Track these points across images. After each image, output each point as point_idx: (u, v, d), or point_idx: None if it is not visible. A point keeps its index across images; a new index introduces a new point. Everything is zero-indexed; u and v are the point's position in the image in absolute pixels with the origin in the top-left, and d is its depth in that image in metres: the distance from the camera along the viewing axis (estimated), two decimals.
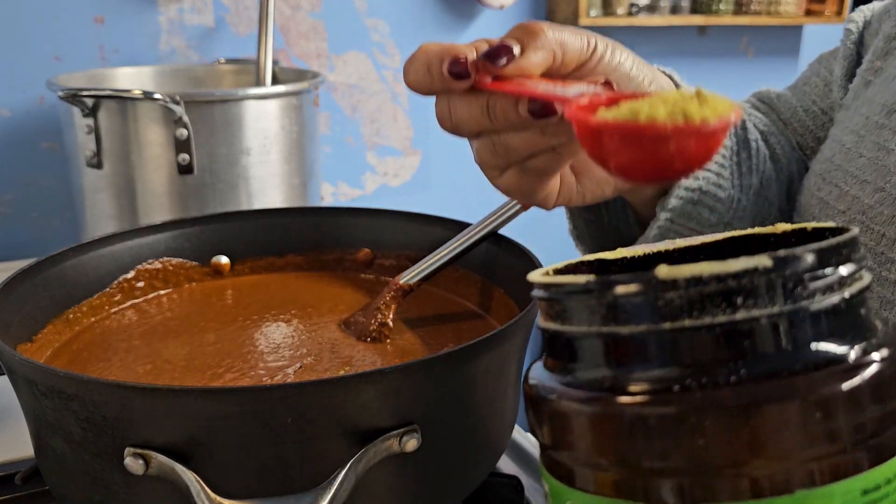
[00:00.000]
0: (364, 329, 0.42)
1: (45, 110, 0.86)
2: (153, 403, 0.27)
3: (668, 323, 0.17)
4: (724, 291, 0.17)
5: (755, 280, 0.17)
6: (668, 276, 0.17)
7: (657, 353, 0.17)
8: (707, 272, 0.16)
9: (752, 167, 0.40)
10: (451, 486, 0.33)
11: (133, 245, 0.46)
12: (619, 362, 0.18)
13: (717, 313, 0.17)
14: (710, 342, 0.17)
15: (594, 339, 0.18)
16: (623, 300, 0.17)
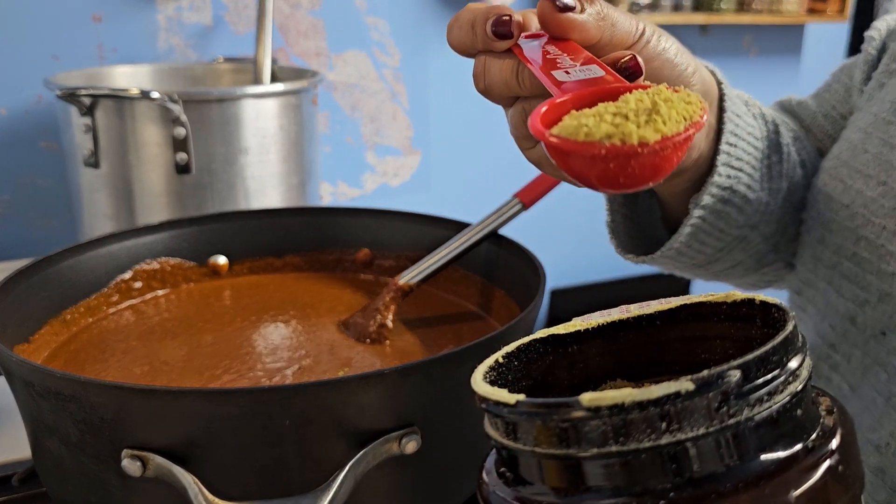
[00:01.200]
0: (363, 330, 0.42)
1: (43, 109, 0.86)
2: (151, 405, 0.27)
3: (595, 449, 0.17)
4: (647, 418, 0.17)
5: (679, 404, 0.17)
6: (592, 404, 0.17)
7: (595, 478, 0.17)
8: (629, 399, 0.16)
9: (783, 172, 0.39)
10: (451, 488, 0.33)
11: (131, 245, 0.46)
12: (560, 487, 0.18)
13: (642, 438, 0.17)
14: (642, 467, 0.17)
15: (533, 459, 0.18)
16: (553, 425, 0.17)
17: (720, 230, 0.38)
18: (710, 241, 0.39)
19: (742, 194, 0.37)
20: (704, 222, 0.37)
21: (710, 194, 0.36)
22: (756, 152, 0.37)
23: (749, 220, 0.39)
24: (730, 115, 0.35)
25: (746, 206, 0.37)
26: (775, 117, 0.41)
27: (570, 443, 0.17)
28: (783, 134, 0.40)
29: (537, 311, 0.36)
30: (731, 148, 0.36)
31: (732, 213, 0.37)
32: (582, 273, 1.36)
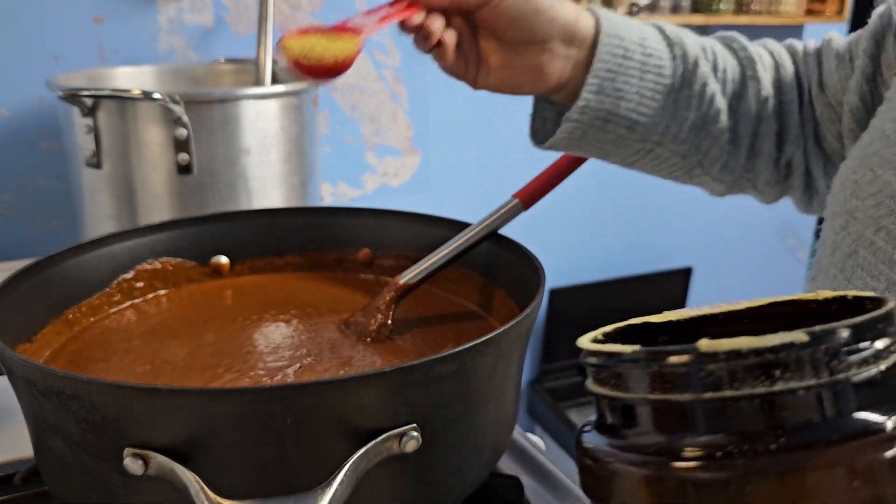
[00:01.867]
0: (364, 329, 0.42)
1: (45, 110, 0.86)
2: (152, 404, 0.27)
3: (710, 393, 0.18)
4: (762, 364, 0.18)
5: (792, 354, 0.18)
6: (709, 349, 0.18)
7: (702, 421, 0.18)
8: (745, 346, 0.18)
9: (691, 104, 0.44)
10: (451, 486, 0.33)
11: (132, 245, 0.46)
12: (667, 429, 0.19)
13: (756, 385, 0.18)
14: (750, 412, 0.18)
15: (643, 406, 0.19)
16: (668, 370, 0.19)
17: (610, 141, 0.44)
18: (604, 146, 0.44)
19: (626, 117, 0.42)
20: (581, 131, 0.43)
21: (578, 111, 0.42)
22: (659, 86, 0.42)
23: (646, 137, 0.44)
24: (602, 56, 0.41)
25: (636, 126, 0.43)
26: (700, 56, 0.44)
27: (685, 387, 0.18)
28: (702, 73, 0.44)
29: (537, 310, 0.36)
30: (602, 80, 0.41)
31: (617, 129, 0.43)
32: (581, 273, 1.36)
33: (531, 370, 1.37)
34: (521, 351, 0.37)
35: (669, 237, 1.43)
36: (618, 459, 0.20)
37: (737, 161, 0.46)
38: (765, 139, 0.46)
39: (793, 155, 0.47)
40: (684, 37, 0.44)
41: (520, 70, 0.41)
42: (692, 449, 0.18)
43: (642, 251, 1.41)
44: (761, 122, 0.46)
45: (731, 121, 0.45)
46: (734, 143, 0.46)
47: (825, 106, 0.46)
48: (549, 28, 0.40)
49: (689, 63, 0.43)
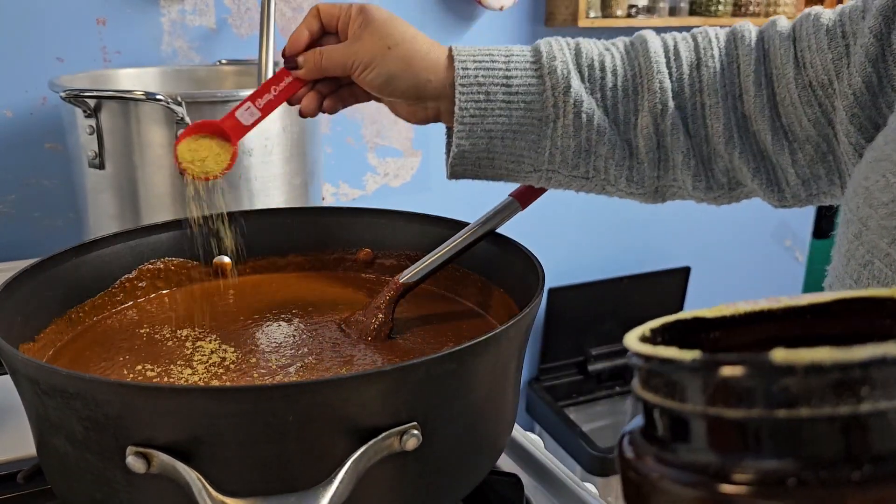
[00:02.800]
0: (365, 328, 0.42)
1: (48, 111, 0.87)
2: (155, 402, 0.27)
3: (784, 410, 0.16)
4: (847, 381, 0.15)
5: (885, 370, 0.15)
6: (785, 362, 0.15)
7: (769, 442, 0.16)
8: (829, 359, 0.15)
9: (568, 132, 0.42)
10: (452, 483, 0.33)
11: (135, 245, 0.46)
12: (726, 448, 0.17)
13: (838, 404, 0.15)
14: (829, 435, 0.15)
15: (699, 420, 0.17)
16: (733, 383, 0.16)
17: (504, 174, 0.44)
18: (503, 177, 0.44)
19: (504, 153, 0.42)
20: (471, 171, 0.44)
21: (457, 156, 0.42)
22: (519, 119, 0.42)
23: (537, 168, 0.43)
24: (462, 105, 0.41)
25: (522, 160, 0.43)
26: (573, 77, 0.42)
27: (751, 403, 0.16)
28: (573, 97, 0.42)
29: (537, 309, 0.36)
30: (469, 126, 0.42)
31: (504, 164, 0.43)
32: (579, 272, 1.36)
33: (530, 369, 1.37)
34: (521, 350, 0.37)
35: (668, 237, 1.43)
36: (665, 477, 0.17)
37: (642, 174, 0.44)
38: (673, 149, 0.43)
39: (730, 155, 0.43)
40: (561, 57, 0.42)
41: (404, 114, 0.44)
42: (754, 473, 0.16)
43: (641, 251, 1.41)
44: (664, 135, 0.43)
45: (625, 137, 0.43)
46: (634, 158, 0.43)
47: (803, 88, 0.42)
48: (402, 95, 0.42)
49: (559, 90, 0.42)
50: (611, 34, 1.46)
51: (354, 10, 0.43)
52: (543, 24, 1.18)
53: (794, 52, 0.42)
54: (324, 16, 0.43)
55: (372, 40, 0.41)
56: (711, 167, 0.44)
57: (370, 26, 0.42)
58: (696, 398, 0.17)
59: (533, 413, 1.34)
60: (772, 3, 1.27)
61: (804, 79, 0.42)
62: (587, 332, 1.37)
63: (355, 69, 0.42)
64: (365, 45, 0.41)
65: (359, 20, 0.42)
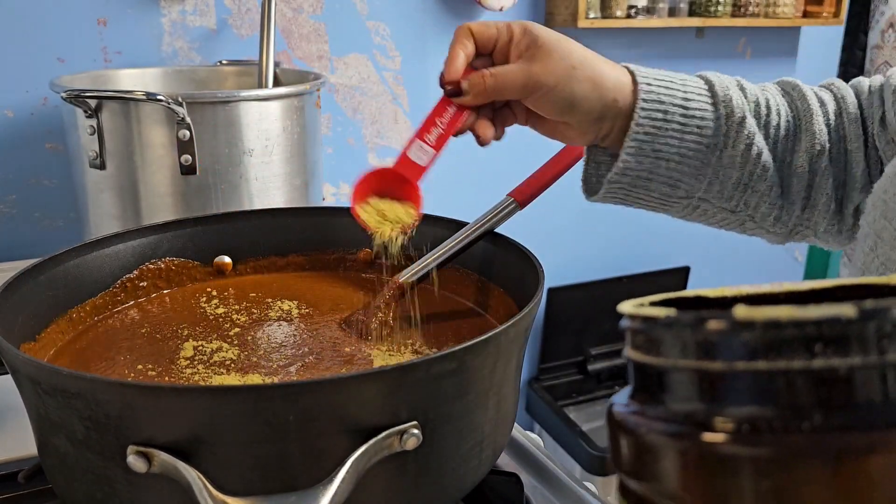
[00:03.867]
0: (365, 328, 0.42)
1: (49, 111, 0.87)
2: (156, 402, 0.27)
3: (742, 363, 0.17)
4: (802, 337, 0.16)
5: (837, 328, 0.16)
6: (746, 317, 0.17)
7: (734, 392, 0.17)
8: (786, 316, 0.16)
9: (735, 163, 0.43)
10: (452, 483, 0.33)
11: (136, 245, 0.46)
12: (699, 399, 0.18)
13: (793, 359, 0.16)
14: (785, 387, 0.17)
15: (675, 374, 0.19)
16: (701, 337, 0.18)
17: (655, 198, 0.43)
18: (650, 203, 0.44)
19: (666, 176, 0.42)
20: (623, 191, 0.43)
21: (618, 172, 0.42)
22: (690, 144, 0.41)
23: (690, 194, 0.43)
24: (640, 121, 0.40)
25: (679, 184, 0.42)
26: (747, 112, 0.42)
27: (717, 356, 0.17)
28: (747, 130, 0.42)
29: (537, 309, 0.36)
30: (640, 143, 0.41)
31: (660, 187, 0.43)
32: (579, 272, 1.36)
33: (530, 368, 1.37)
34: (521, 349, 0.37)
35: (667, 236, 1.43)
36: (652, 430, 0.19)
37: (790, 214, 0.45)
38: (819, 191, 0.44)
39: (861, 202, 0.44)
40: (733, 90, 0.42)
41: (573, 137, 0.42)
42: (723, 420, 0.17)
43: (640, 250, 1.41)
44: (815, 176, 0.44)
45: (780, 176, 0.44)
46: (785, 198, 0.44)
47: (887, 143, 0.44)
48: (584, 116, 0.40)
49: (734, 121, 0.41)
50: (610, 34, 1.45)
51: (518, 30, 0.40)
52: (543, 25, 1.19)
53: (881, 109, 0.44)
54: (478, 36, 0.40)
55: (552, 60, 0.38)
56: (843, 211, 0.45)
57: (544, 47, 0.39)
58: (672, 353, 0.18)
59: (533, 413, 1.34)
60: (771, 3, 1.27)
61: (887, 135, 0.44)
62: (587, 332, 1.37)
63: (537, 90, 0.39)
64: (545, 66, 0.38)
65: (525, 40, 0.39)
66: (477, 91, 0.40)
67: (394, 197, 0.42)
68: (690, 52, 1.31)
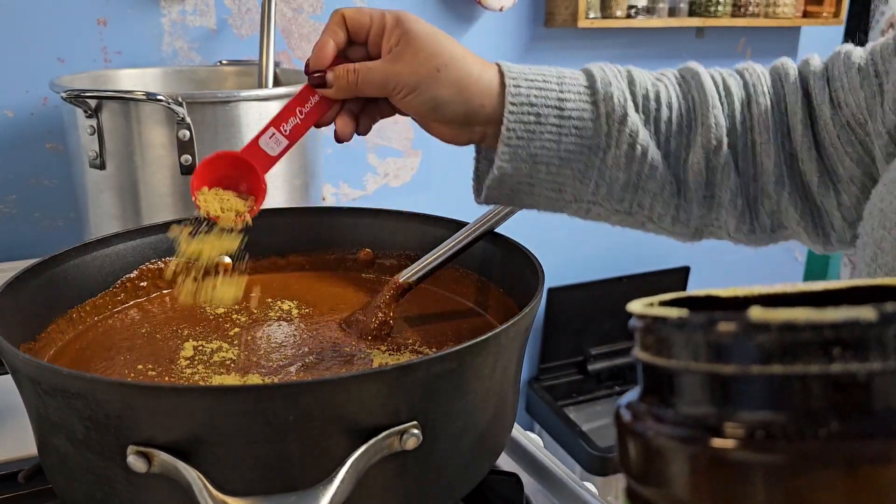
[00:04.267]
0: (365, 328, 0.42)
1: (49, 111, 0.87)
2: (156, 402, 0.27)
3: (757, 367, 0.17)
4: (819, 341, 0.16)
5: (856, 332, 0.16)
6: (761, 319, 0.16)
7: (747, 397, 0.17)
8: (802, 319, 0.16)
9: (619, 164, 0.40)
10: (451, 483, 0.33)
11: (136, 245, 0.46)
12: (711, 403, 0.18)
13: (810, 363, 0.16)
14: (801, 392, 0.16)
15: (687, 376, 0.18)
16: (714, 339, 0.17)
17: (543, 202, 0.41)
18: (539, 206, 0.41)
19: (547, 181, 0.40)
20: (506, 197, 0.40)
21: (496, 179, 0.39)
22: (569, 146, 0.39)
23: (578, 198, 0.40)
24: (510, 125, 0.38)
25: (563, 188, 0.40)
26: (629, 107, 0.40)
27: (730, 359, 0.17)
28: (629, 127, 0.39)
29: (537, 309, 0.36)
30: (514, 149, 0.39)
31: (544, 192, 0.40)
32: (578, 272, 1.36)
33: (530, 368, 1.37)
34: (521, 349, 0.37)
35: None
36: (661, 434, 0.18)
37: (689, 214, 0.42)
38: (721, 188, 0.41)
39: (778, 195, 0.41)
40: (617, 84, 0.40)
41: (446, 137, 0.40)
42: (735, 425, 0.17)
43: (640, 250, 1.41)
44: (715, 172, 0.41)
45: (674, 174, 0.41)
46: (682, 197, 0.41)
47: (841, 128, 0.40)
48: (450, 120, 0.38)
49: (615, 119, 0.39)
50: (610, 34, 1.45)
51: (390, 22, 0.38)
52: (543, 25, 1.19)
53: (828, 91, 0.41)
54: (351, 24, 0.38)
55: (417, 60, 0.37)
56: (757, 208, 0.42)
57: (412, 43, 0.37)
58: (684, 354, 0.18)
59: (533, 413, 1.34)
60: (771, 3, 1.27)
61: (841, 118, 0.41)
62: (587, 332, 1.37)
63: (398, 93, 0.37)
64: (409, 66, 0.37)
65: (396, 33, 0.37)
66: (341, 85, 0.38)
67: (235, 188, 0.39)
68: (690, 52, 1.31)
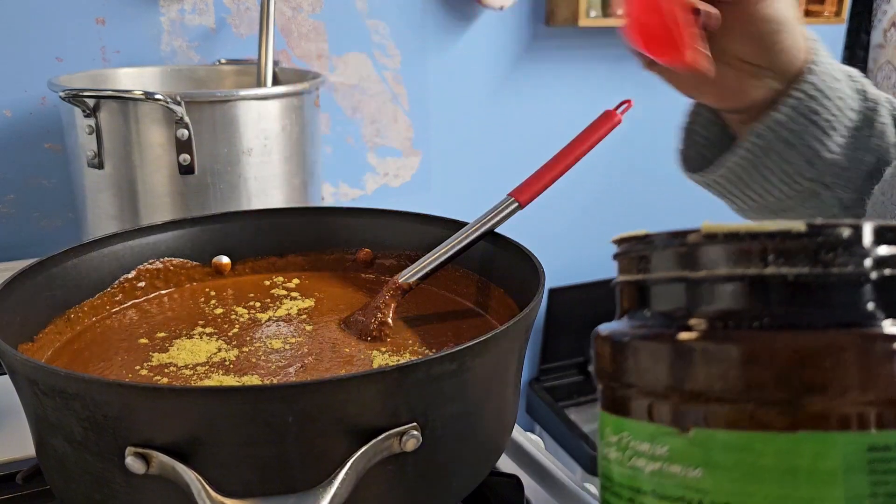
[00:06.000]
0: (364, 328, 0.42)
1: (47, 111, 0.87)
2: (154, 403, 0.27)
3: (706, 270, 0.20)
4: (757, 249, 0.19)
5: (788, 242, 0.19)
6: (711, 230, 0.20)
7: (702, 297, 0.20)
8: (744, 230, 0.19)
9: (870, 146, 0.41)
10: (451, 484, 0.33)
11: (134, 245, 0.46)
12: (676, 304, 0.21)
13: (748, 267, 0.19)
14: (743, 291, 0.19)
15: (658, 285, 0.21)
16: (679, 250, 0.21)
17: (784, 171, 0.41)
18: (773, 180, 0.41)
19: (812, 147, 0.40)
20: (756, 157, 0.40)
21: (771, 123, 0.39)
22: (840, 116, 0.40)
23: (820, 177, 0.41)
24: (815, 73, 0.39)
25: (816, 160, 0.40)
26: (880, 98, 0.42)
27: (689, 266, 0.20)
28: (882, 114, 0.41)
29: (538, 309, 0.36)
30: (806, 99, 0.39)
31: (798, 160, 0.40)
32: (579, 272, 1.36)
33: (530, 369, 1.37)
34: (521, 350, 0.37)
35: None
36: (635, 336, 0.21)
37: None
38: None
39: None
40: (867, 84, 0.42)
41: (722, 86, 0.40)
42: (695, 320, 0.20)
43: None
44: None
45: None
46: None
47: None
48: (779, 59, 0.39)
49: (871, 105, 0.41)
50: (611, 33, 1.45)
51: None
52: (544, 24, 1.18)
53: None
54: None
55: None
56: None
57: None
58: (655, 267, 0.22)
59: (533, 413, 1.34)
60: None
61: None
62: (587, 333, 1.36)
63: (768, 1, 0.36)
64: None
65: None
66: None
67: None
68: None
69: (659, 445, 0.20)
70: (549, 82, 1.21)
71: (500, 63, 1.17)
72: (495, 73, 1.17)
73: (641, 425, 0.21)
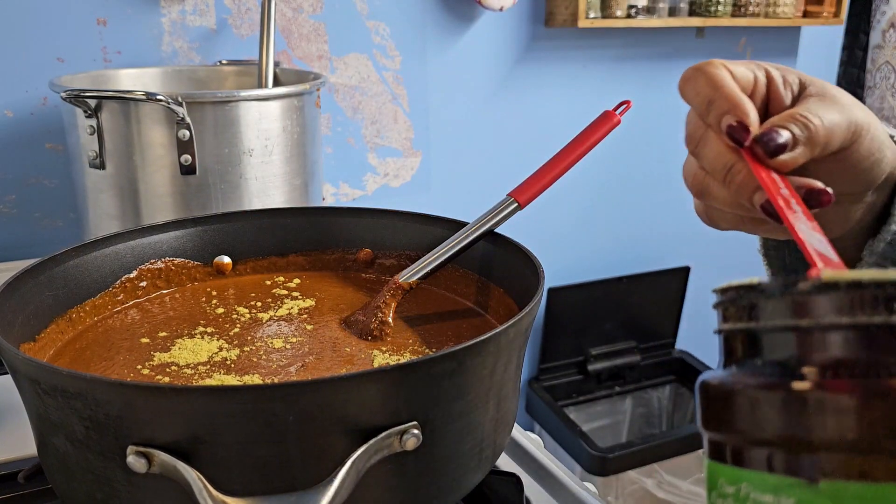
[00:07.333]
0: (365, 327, 0.42)
1: (49, 111, 0.87)
2: (156, 402, 0.27)
3: (829, 319, 0.19)
4: (882, 297, 0.19)
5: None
6: (832, 279, 0.19)
7: (822, 345, 0.20)
8: (867, 278, 0.19)
9: None
10: (451, 483, 0.33)
11: (136, 245, 0.46)
12: (792, 352, 0.20)
13: (873, 315, 0.19)
14: (866, 340, 0.19)
15: (769, 333, 0.21)
16: (796, 298, 0.20)
17: None
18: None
19: None
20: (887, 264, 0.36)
21: (886, 241, 0.34)
22: None
23: None
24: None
25: None
26: None
27: (806, 314, 0.20)
28: None
29: (537, 309, 0.36)
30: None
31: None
32: (578, 272, 1.36)
33: (530, 368, 1.37)
34: (521, 349, 0.37)
35: (667, 236, 1.43)
36: (746, 385, 0.21)
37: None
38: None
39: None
40: None
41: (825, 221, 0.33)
42: (809, 369, 0.19)
43: (640, 250, 1.41)
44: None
45: None
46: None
47: None
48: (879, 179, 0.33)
49: None
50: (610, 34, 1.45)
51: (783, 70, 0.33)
52: (543, 25, 1.19)
53: None
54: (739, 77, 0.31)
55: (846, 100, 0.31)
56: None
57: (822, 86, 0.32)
58: (766, 316, 0.21)
59: (533, 413, 1.34)
60: (771, 3, 1.27)
61: None
62: (587, 332, 1.37)
63: (857, 135, 0.30)
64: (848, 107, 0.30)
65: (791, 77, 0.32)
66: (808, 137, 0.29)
67: None
68: (691, 52, 1.31)
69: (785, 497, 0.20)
70: (548, 83, 1.22)
71: (499, 64, 1.18)
72: (495, 74, 1.18)
73: (762, 476, 0.20)
